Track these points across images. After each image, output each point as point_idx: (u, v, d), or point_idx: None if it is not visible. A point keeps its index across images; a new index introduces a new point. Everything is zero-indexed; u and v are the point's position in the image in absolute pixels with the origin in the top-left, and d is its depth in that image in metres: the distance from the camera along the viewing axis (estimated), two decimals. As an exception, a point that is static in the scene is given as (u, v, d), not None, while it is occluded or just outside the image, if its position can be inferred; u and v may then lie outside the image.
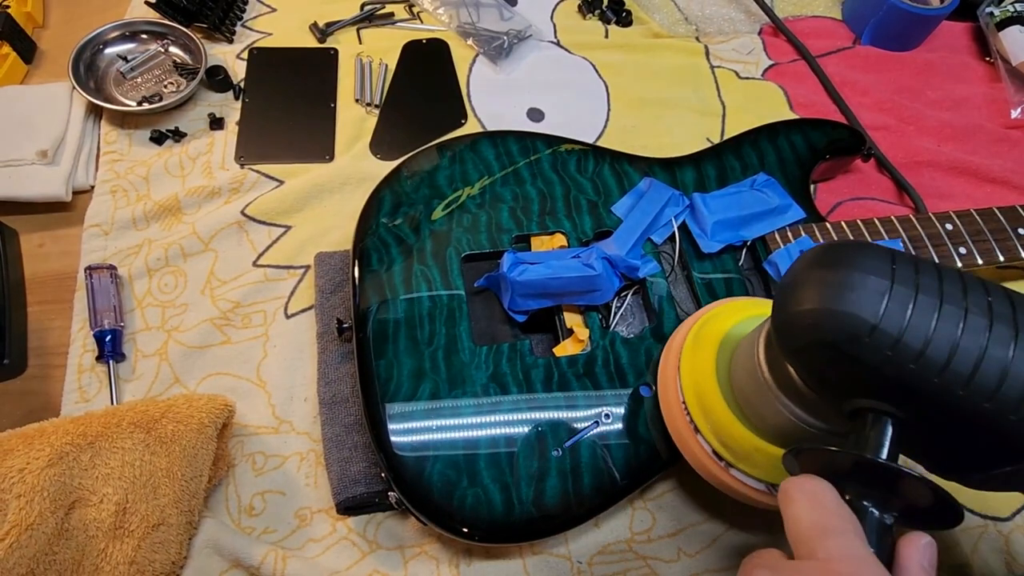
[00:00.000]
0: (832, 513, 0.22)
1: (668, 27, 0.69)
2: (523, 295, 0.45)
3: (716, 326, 0.35)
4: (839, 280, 0.23)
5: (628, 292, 0.49)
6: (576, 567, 0.43)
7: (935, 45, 0.69)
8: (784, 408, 0.28)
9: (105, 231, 0.53)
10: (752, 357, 0.29)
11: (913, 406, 0.23)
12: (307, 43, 0.64)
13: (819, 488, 0.23)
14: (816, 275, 0.24)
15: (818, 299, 0.23)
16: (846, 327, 0.23)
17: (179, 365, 0.48)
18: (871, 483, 0.23)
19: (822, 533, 0.22)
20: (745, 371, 0.30)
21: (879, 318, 0.22)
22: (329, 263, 0.51)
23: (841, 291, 0.23)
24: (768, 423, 0.30)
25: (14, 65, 0.60)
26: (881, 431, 0.23)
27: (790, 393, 0.27)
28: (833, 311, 0.23)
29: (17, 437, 0.37)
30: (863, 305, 0.23)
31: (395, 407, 0.41)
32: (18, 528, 0.34)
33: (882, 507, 0.23)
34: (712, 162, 0.54)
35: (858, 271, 0.23)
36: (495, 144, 0.52)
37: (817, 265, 0.24)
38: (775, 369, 0.27)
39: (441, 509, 0.39)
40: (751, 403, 0.30)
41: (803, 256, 0.26)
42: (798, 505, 0.23)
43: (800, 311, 0.24)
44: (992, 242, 0.50)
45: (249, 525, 0.44)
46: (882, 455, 0.23)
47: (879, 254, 0.24)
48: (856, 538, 0.22)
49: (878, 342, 0.22)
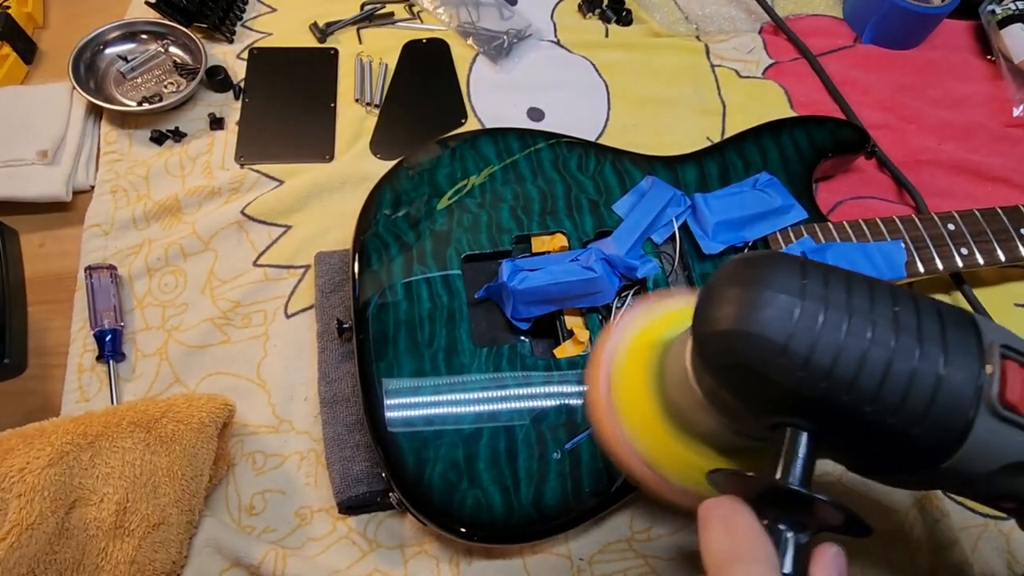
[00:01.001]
0: (743, 539, 0.22)
1: (668, 26, 0.69)
2: (525, 303, 0.45)
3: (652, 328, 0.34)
4: (750, 299, 0.23)
5: (629, 292, 0.49)
6: (576, 566, 0.43)
7: (936, 44, 0.69)
8: (712, 417, 0.27)
9: (105, 231, 0.53)
10: (681, 363, 0.28)
11: (827, 421, 0.23)
12: (307, 43, 0.64)
13: (733, 512, 0.23)
14: (728, 293, 0.24)
15: (730, 319, 0.23)
16: (758, 348, 0.22)
17: (179, 365, 0.48)
18: (785, 506, 0.23)
19: (730, 560, 0.22)
20: (675, 377, 0.29)
21: (789, 338, 0.22)
22: (329, 262, 0.51)
23: (752, 310, 0.23)
24: (699, 430, 0.30)
25: (14, 65, 0.60)
26: (796, 445, 0.23)
27: (716, 403, 0.27)
28: (744, 333, 0.23)
29: (17, 437, 0.37)
30: (773, 326, 0.22)
31: (396, 414, 0.41)
32: (18, 528, 0.34)
33: (798, 527, 0.23)
34: (714, 160, 0.54)
35: (768, 289, 0.23)
36: (496, 141, 0.52)
37: (729, 282, 0.24)
38: (702, 379, 0.27)
39: (441, 510, 0.39)
40: (681, 409, 0.30)
41: (719, 270, 0.25)
42: (712, 531, 0.23)
43: (715, 331, 0.24)
44: (994, 242, 0.50)
45: (249, 524, 0.44)
46: (794, 475, 0.23)
47: (789, 268, 0.23)
48: (763, 566, 0.22)
49: (789, 362, 0.22)
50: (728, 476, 0.25)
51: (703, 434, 0.29)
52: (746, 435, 0.28)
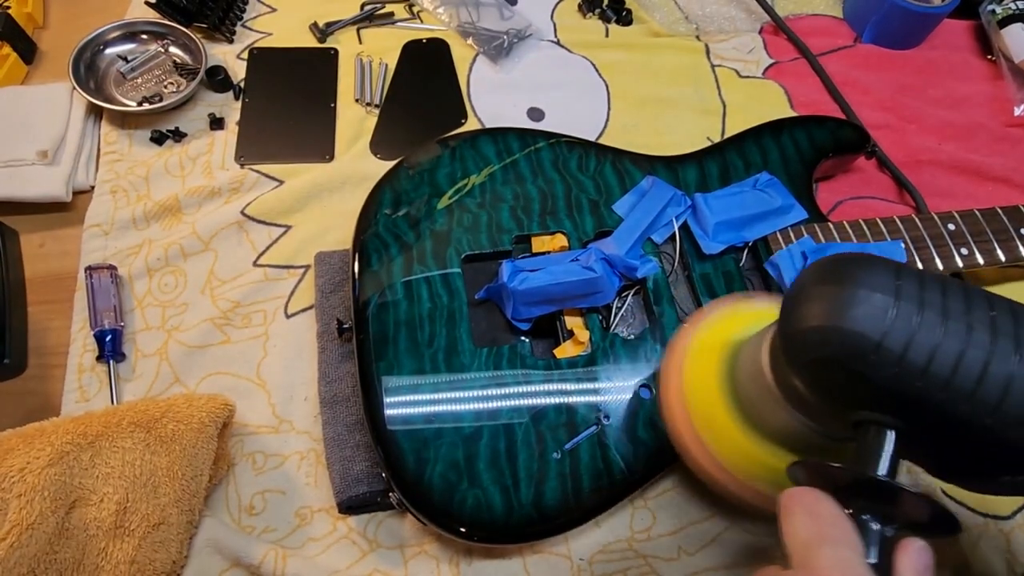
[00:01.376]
0: (828, 524, 0.23)
1: (668, 26, 0.69)
2: (525, 303, 0.45)
3: (720, 330, 0.36)
4: (844, 297, 0.23)
5: (629, 293, 0.49)
6: (576, 566, 0.43)
7: (936, 43, 0.69)
8: (788, 414, 0.28)
9: (105, 231, 0.53)
10: (756, 362, 0.29)
11: (917, 419, 0.23)
12: (307, 43, 0.64)
13: (817, 500, 0.23)
14: (822, 291, 0.24)
15: (823, 316, 0.24)
16: (851, 345, 0.23)
17: (179, 365, 0.48)
18: (871, 497, 0.23)
19: (817, 543, 0.22)
20: (749, 376, 0.30)
21: (884, 336, 0.22)
22: (329, 262, 0.51)
23: (846, 308, 0.23)
24: (772, 428, 0.30)
25: (14, 66, 0.60)
26: (882, 443, 0.23)
27: (795, 400, 0.27)
28: (838, 328, 0.23)
29: (17, 437, 0.37)
30: (868, 323, 0.23)
31: (395, 408, 0.41)
32: (19, 528, 0.34)
33: (883, 520, 0.23)
34: (715, 160, 0.54)
35: (863, 288, 0.23)
36: (496, 140, 0.52)
37: (823, 280, 0.24)
38: (780, 376, 0.27)
39: (441, 510, 0.39)
40: (755, 407, 0.30)
41: (809, 269, 0.26)
42: (795, 517, 0.23)
43: (806, 328, 0.24)
44: (994, 242, 0.50)
45: (249, 524, 0.44)
46: (882, 469, 0.23)
47: (885, 269, 0.24)
48: (849, 549, 0.22)
49: (883, 359, 0.23)
50: (812, 468, 0.25)
51: (775, 432, 0.30)
52: (821, 434, 0.28)
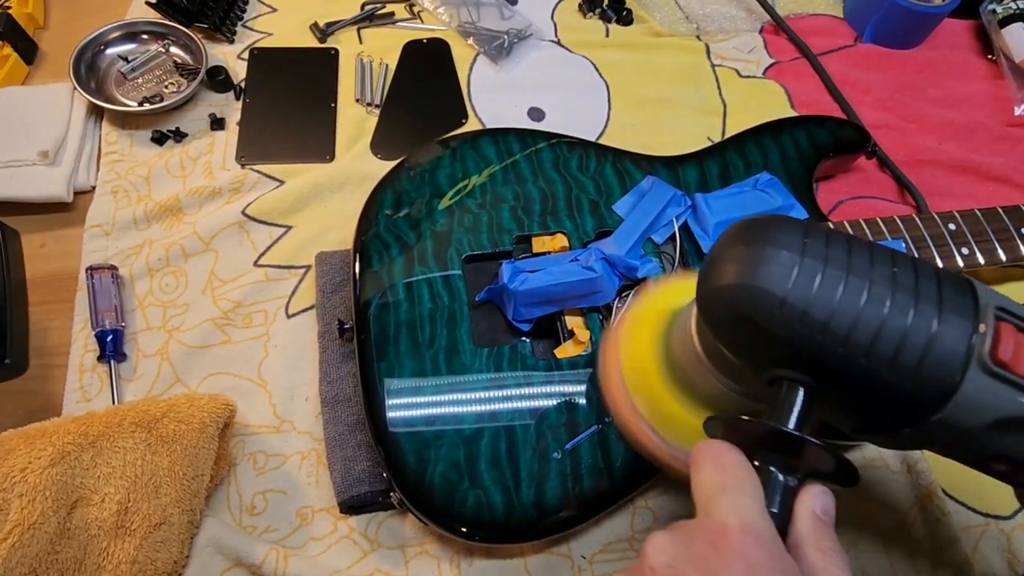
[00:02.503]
0: (731, 474, 0.23)
1: (669, 26, 0.69)
2: (526, 304, 0.45)
3: (656, 302, 0.37)
4: (753, 255, 0.24)
5: (629, 292, 0.49)
6: (577, 565, 0.43)
7: (936, 43, 0.69)
8: (715, 379, 0.29)
9: (106, 231, 0.53)
10: (685, 329, 0.30)
11: (822, 374, 0.24)
12: (307, 43, 0.64)
13: (723, 451, 0.24)
14: (734, 251, 0.25)
15: (734, 274, 0.24)
16: (758, 301, 0.24)
17: (180, 365, 0.49)
18: (779, 450, 0.24)
19: (719, 491, 0.23)
20: (679, 343, 0.31)
21: (787, 292, 0.23)
22: (330, 263, 0.51)
23: (754, 266, 0.24)
24: (702, 394, 0.31)
25: (15, 66, 0.60)
26: (792, 399, 0.24)
27: (719, 364, 0.28)
28: (747, 286, 0.24)
29: (19, 437, 0.37)
30: (773, 279, 0.24)
31: (396, 409, 0.41)
32: (20, 527, 0.34)
33: (788, 470, 0.24)
34: (715, 160, 0.54)
35: (771, 246, 0.24)
36: (496, 141, 0.52)
37: (735, 241, 0.25)
38: (704, 341, 0.28)
39: (442, 510, 0.39)
40: (686, 375, 0.31)
41: (725, 232, 0.27)
42: (702, 468, 0.24)
43: (719, 286, 0.25)
44: (995, 242, 0.50)
45: (250, 524, 0.44)
46: (790, 423, 0.24)
47: (792, 228, 0.25)
48: (749, 497, 0.23)
49: (787, 315, 0.23)
50: (723, 422, 0.26)
51: (705, 397, 0.31)
52: (746, 396, 0.29)
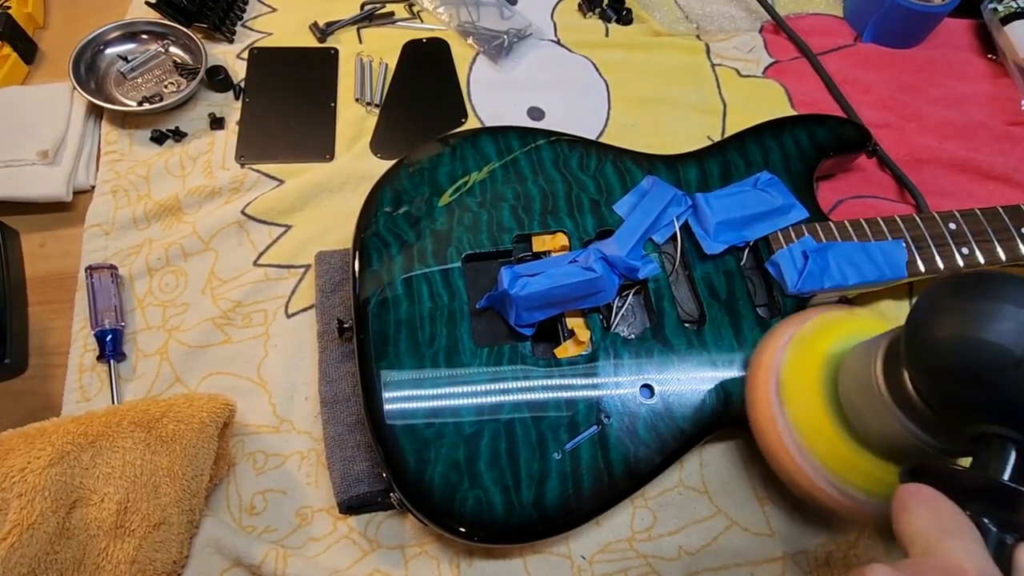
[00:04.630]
0: (951, 520, 0.23)
1: (668, 25, 0.69)
2: (528, 309, 0.44)
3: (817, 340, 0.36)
4: (989, 310, 0.24)
5: (629, 292, 0.49)
6: (577, 565, 0.43)
7: (937, 42, 0.69)
8: (899, 424, 0.28)
9: (106, 231, 0.53)
10: (867, 370, 0.29)
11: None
12: (307, 43, 0.64)
13: (936, 496, 0.23)
14: (962, 303, 0.25)
15: (966, 326, 0.24)
16: (992, 357, 0.23)
17: (180, 364, 0.48)
18: (991, 503, 0.23)
19: (942, 535, 0.22)
20: (857, 384, 0.30)
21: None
22: (329, 262, 0.51)
23: (990, 321, 0.24)
24: (878, 437, 0.30)
25: (15, 66, 0.60)
26: (1005, 457, 0.24)
27: (906, 409, 0.28)
28: (980, 340, 0.24)
29: (18, 436, 0.37)
30: (1012, 337, 0.23)
31: (395, 407, 0.41)
32: (19, 527, 0.34)
33: (1001, 527, 0.23)
34: (716, 159, 0.54)
35: (1009, 303, 0.24)
36: (496, 139, 0.52)
37: (963, 293, 0.25)
38: (893, 384, 0.28)
39: (442, 510, 0.39)
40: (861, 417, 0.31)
41: (947, 282, 0.26)
42: (916, 510, 0.23)
43: (944, 336, 0.25)
44: (995, 241, 0.50)
45: (250, 524, 0.44)
46: (1005, 472, 0.23)
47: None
48: (975, 543, 0.22)
49: (1022, 375, 0.23)
50: (930, 470, 0.25)
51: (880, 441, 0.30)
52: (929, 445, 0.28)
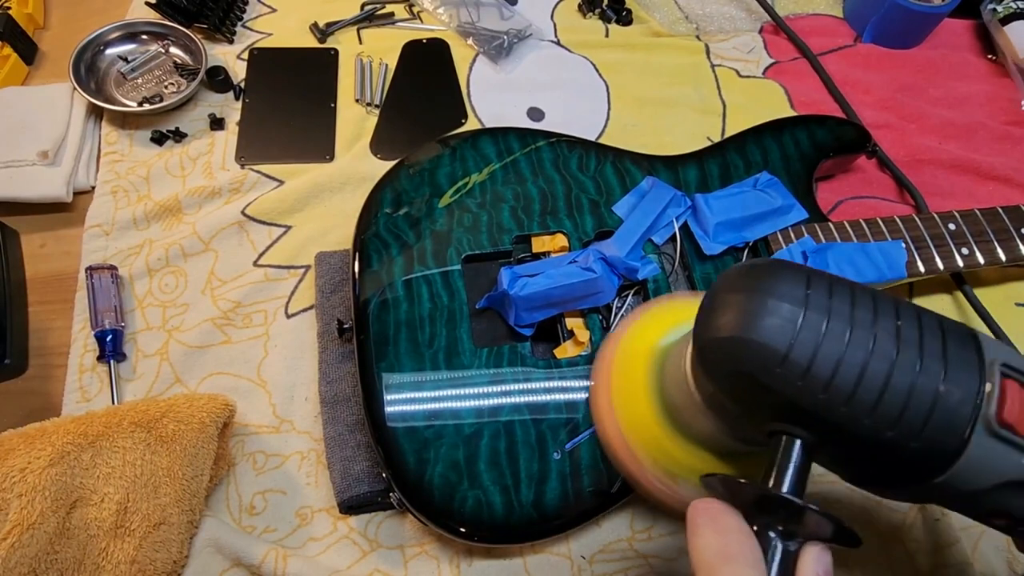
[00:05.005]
0: (732, 541, 0.23)
1: (668, 26, 0.69)
2: (527, 309, 0.44)
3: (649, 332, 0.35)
4: (754, 306, 0.23)
5: (629, 293, 0.49)
6: (577, 565, 0.43)
7: (936, 43, 0.69)
8: (710, 422, 0.28)
9: (106, 231, 0.53)
10: (680, 368, 0.28)
11: (823, 431, 0.23)
12: (307, 43, 0.64)
13: (722, 514, 0.24)
14: (733, 299, 0.24)
15: (733, 326, 0.23)
16: (758, 356, 0.22)
17: (180, 365, 0.49)
18: (776, 513, 0.23)
19: (722, 561, 0.22)
20: (674, 381, 0.30)
21: (790, 348, 0.22)
22: (329, 263, 0.51)
23: (755, 318, 0.23)
24: (696, 433, 0.30)
25: (15, 66, 0.60)
26: (790, 454, 0.23)
27: (715, 408, 0.27)
28: (746, 339, 0.23)
29: (18, 437, 0.37)
30: (775, 333, 0.22)
31: (396, 409, 0.41)
32: (20, 527, 0.34)
33: (787, 535, 0.23)
34: (715, 160, 0.54)
35: (772, 297, 0.23)
36: (496, 140, 0.52)
37: (733, 289, 0.24)
38: (700, 384, 0.27)
39: (442, 510, 0.39)
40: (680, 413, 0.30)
41: (722, 277, 0.25)
42: (701, 531, 0.23)
43: (717, 337, 0.24)
44: (995, 242, 0.50)
45: (250, 524, 0.44)
46: (787, 482, 0.23)
47: (794, 278, 0.23)
48: (752, 568, 0.22)
49: (788, 372, 0.22)
50: (721, 481, 0.25)
51: (701, 437, 0.30)
52: (744, 441, 0.28)
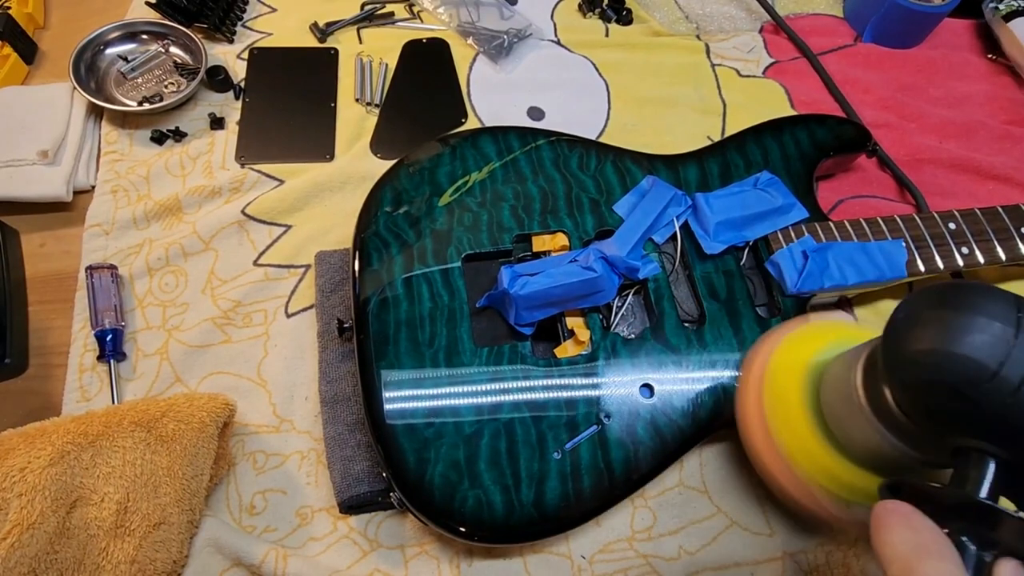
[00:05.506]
0: (929, 538, 0.22)
1: (668, 25, 0.69)
2: (527, 308, 0.44)
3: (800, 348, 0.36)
4: (964, 322, 0.23)
5: (629, 292, 0.49)
6: (577, 565, 0.43)
7: (937, 42, 0.69)
8: (879, 436, 0.28)
9: (106, 231, 0.53)
10: (848, 382, 0.29)
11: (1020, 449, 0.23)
12: (307, 43, 0.64)
13: (915, 514, 0.23)
14: (939, 315, 0.24)
15: (941, 339, 0.24)
16: (967, 370, 0.23)
17: (180, 364, 0.48)
18: (970, 520, 0.23)
19: (922, 554, 0.22)
20: (838, 395, 0.30)
21: (1001, 365, 0.22)
22: (329, 262, 0.51)
23: (966, 334, 0.23)
24: (858, 448, 0.30)
25: (15, 66, 0.60)
26: (983, 471, 0.23)
27: (888, 422, 0.27)
28: (956, 354, 0.23)
29: (18, 436, 0.37)
30: (987, 350, 0.23)
31: (395, 406, 0.41)
32: (20, 527, 0.34)
33: (980, 544, 0.23)
34: (716, 159, 0.54)
35: (984, 315, 0.23)
36: (496, 139, 0.52)
37: (940, 305, 0.24)
38: (873, 395, 0.27)
39: (442, 510, 0.39)
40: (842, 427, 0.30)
41: (922, 293, 0.26)
42: (893, 528, 0.23)
43: (920, 349, 0.24)
44: (995, 241, 0.50)
45: (250, 524, 0.44)
46: (982, 495, 0.23)
47: (1005, 300, 0.24)
48: (952, 564, 0.21)
49: (998, 388, 0.22)
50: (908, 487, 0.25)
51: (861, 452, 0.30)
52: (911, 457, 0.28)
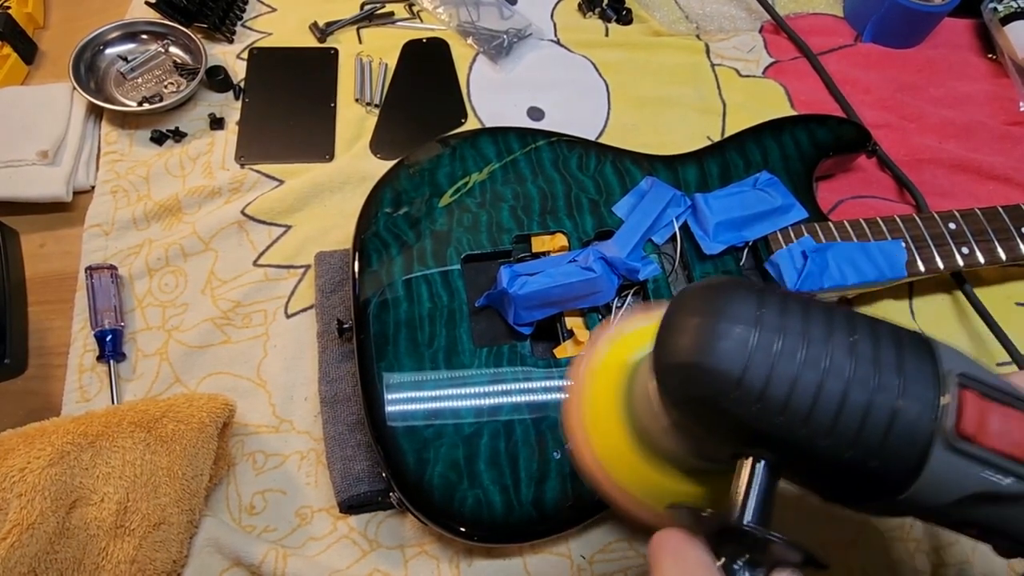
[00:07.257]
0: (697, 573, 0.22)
1: (668, 25, 0.69)
2: (526, 307, 0.44)
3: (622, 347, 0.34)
4: (706, 330, 0.23)
5: (629, 292, 0.49)
6: (577, 565, 0.43)
7: (937, 42, 0.69)
8: (677, 443, 0.27)
9: (106, 231, 0.53)
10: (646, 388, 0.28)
11: (783, 452, 0.23)
12: (307, 43, 0.64)
13: (684, 546, 0.23)
14: (687, 323, 0.23)
15: (687, 351, 0.23)
16: (713, 381, 0.22)
17: (179, 364, 0.49)
18: (741, 543, 0.23)
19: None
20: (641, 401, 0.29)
21: (744, 370, 0.22)
22: (329, 262, 0.51)
23: (708, 343, 0.22)
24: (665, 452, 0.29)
25: (15, 66, 0.60)
26: (754, 477, 0.23)
27: (681, 429, 0.26)
28: (700, 365, 0.22)
29: (18, 436, 0.37)
30: (728, 357, 0.22)
31: (396, 408, 0.41)
32: (19, 527, 0.34)
33: (753, 564, 0.23)
34: (715, 159, 0.54)
35: (724, 320, 0.22)
36: (496, 140, 0.52)
37: (687, 312, 0.24)
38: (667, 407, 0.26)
39: (441, 510, 0.39)
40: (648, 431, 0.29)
41: (677, 298, 0.25)
42: (662, 564, 0.23)
43: (673, 363, 0.24)
44: (995, 241, 0.50)
45: (250, 524, 0.44)
46: (751, 508, 0.23)
47: (746, 298, 0.23)
48: None
49: (744, 395, 0.22)
50: (685, 512, 0.25)
51: (669, 457, 0.29)
52: (711, 461, 0.27)
